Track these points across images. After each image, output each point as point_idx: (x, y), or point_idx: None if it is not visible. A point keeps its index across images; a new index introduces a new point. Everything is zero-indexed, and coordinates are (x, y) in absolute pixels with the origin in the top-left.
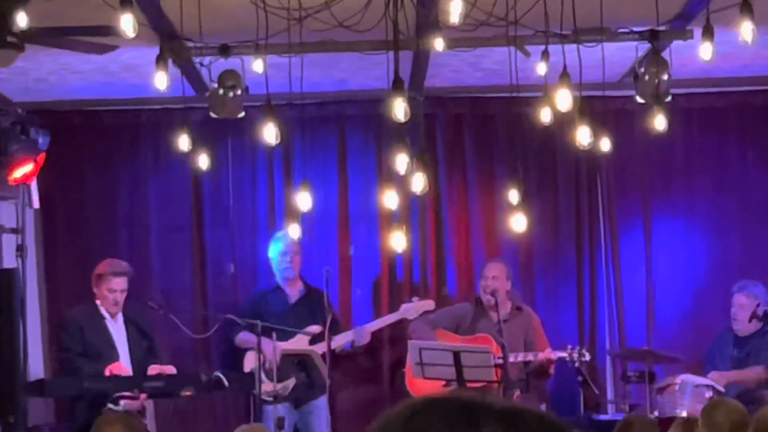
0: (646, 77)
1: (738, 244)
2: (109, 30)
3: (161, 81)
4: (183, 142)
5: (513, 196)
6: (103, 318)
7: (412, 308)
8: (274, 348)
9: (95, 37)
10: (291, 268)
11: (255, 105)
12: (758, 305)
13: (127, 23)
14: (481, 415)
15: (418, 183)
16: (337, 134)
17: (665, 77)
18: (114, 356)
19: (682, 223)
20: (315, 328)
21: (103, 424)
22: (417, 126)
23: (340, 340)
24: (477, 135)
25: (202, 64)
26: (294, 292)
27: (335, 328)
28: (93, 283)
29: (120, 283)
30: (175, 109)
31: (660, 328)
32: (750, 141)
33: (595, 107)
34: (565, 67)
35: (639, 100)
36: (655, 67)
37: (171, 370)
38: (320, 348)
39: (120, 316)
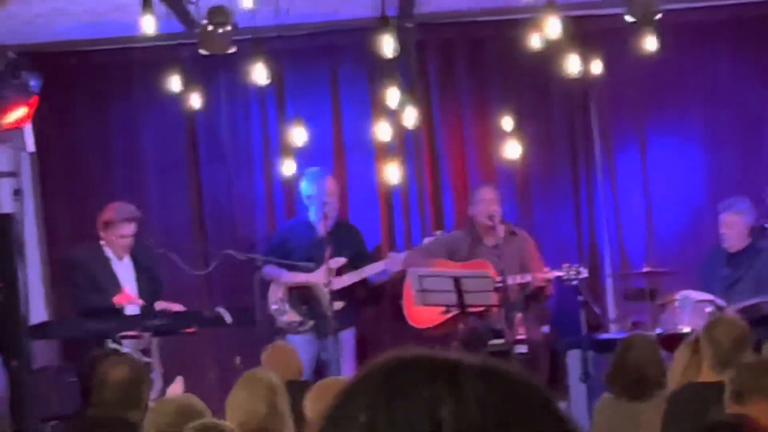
0: None
1: (734, 159)
2: None
3: (149, 24)
4: (174, 82)
5: (507, 122)
6: (108, 259)
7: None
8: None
9: None
10: (326, 215)
11: (245, 38)
12: (750, 220)
13: None
14: (461, 372)
15: (410, 118)
16: (329, 65)
17: None
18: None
19: (677, 140)
20: (339, 261)
21: (108, 366)
22: (408, 56)
23: (370, 270)
24: (469, 60)
25: (190, 1)
26: (323, 225)
27: (363, 262)
28: (100, 229)
29: (131, 229)
30: (165, 46)
31: (659, 245)
32: (743, 55)
33: (586, 27)
34: None
35: (629, 18)
36: None
37: (178, 307)
38: (341, 282)
39: (127, 257)
